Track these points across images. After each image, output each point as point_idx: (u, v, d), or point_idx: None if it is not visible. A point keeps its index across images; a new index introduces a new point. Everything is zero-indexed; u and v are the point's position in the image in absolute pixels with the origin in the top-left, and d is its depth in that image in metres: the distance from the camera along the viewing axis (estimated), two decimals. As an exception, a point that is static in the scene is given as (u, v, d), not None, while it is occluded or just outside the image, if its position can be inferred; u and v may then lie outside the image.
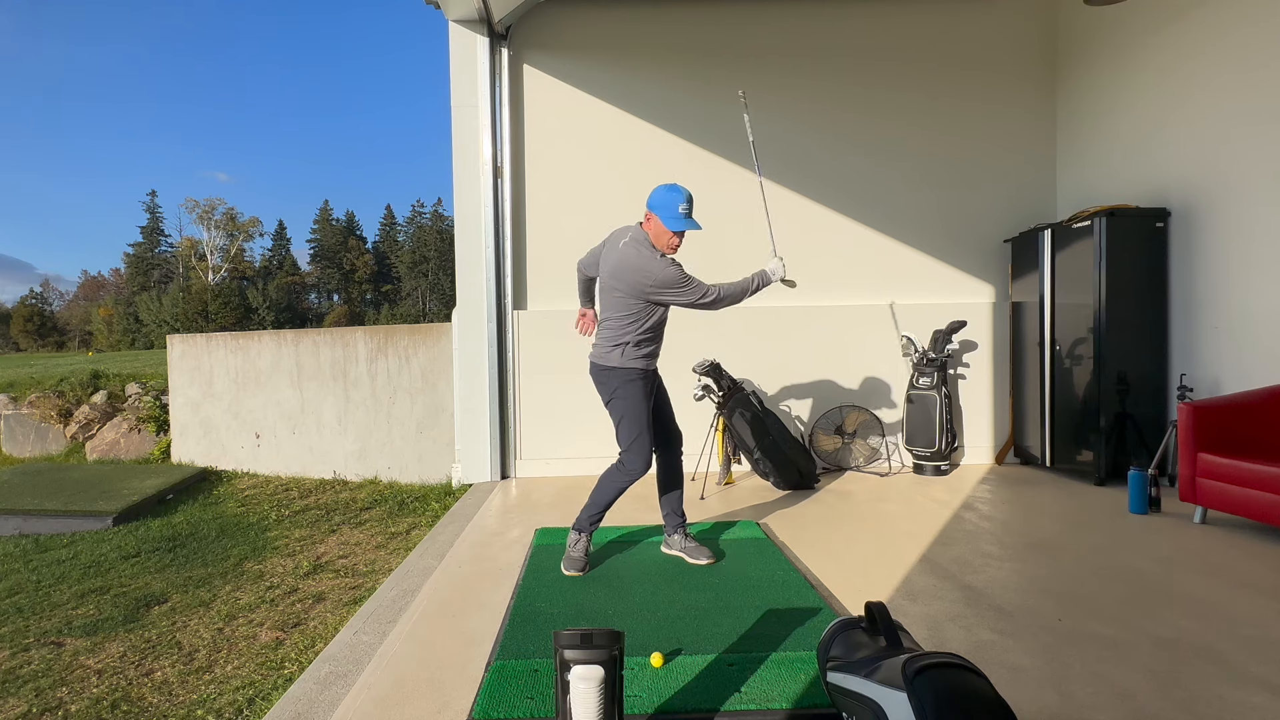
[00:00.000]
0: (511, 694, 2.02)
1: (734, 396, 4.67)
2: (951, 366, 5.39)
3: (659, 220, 2.92)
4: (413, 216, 63.37)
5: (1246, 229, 4.06)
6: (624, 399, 2.99)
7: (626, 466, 3.00)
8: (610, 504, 3.09)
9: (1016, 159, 5.54)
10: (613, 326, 3.01)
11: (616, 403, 3.01)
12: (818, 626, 2.43)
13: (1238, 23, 4.10)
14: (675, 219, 2.90)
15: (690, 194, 2.95)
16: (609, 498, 3.07)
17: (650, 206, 2.96)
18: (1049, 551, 3.28)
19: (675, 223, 2.90)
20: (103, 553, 4.81)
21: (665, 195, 2.92)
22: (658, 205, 2.93)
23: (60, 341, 51.87)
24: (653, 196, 2.96)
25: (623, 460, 3.01)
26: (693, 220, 2.93)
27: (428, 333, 6.50)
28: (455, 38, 5.10)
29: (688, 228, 2.92)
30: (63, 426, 9.41)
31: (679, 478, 3.26)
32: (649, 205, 2.96)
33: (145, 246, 55.58)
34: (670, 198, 2.91)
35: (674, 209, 2.90)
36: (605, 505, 3.09)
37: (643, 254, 2.90)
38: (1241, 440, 3.62)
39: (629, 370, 2.99)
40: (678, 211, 2.90)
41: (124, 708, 2.74)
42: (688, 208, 2.92)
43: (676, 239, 2.96)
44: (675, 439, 3.25)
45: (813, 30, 5.43)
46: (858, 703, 1.64)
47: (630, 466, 2.99)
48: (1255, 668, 2.13)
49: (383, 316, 52.29)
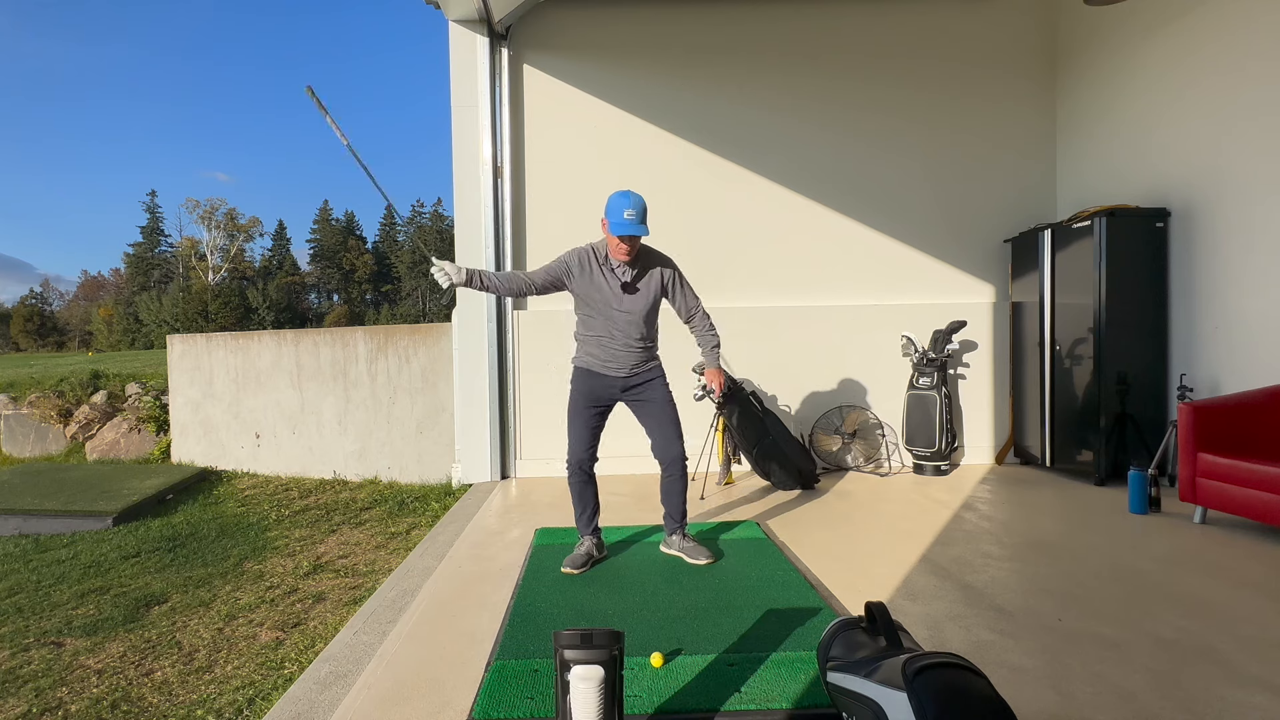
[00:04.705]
0: (511, 694, 2.02)
1: (734, 396, 4.67)
2: (951, 366, 5.39)
3: (605, 223, 2.91)
4: (413, 216, 63.41)
5: (1246, 229, 4.06)
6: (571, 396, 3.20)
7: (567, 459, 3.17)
8: (579, 502, 3.19)
9: (1016, 159, 5.54)
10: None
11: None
12: (818, 626, 2.43)
13: (1238, 23, 4.10)
14: (618, 223, 2.86)
15: (642, 200, 2.88)
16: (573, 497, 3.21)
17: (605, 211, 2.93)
18: (1049, 551, 3.28)
19: (617, 227, 2.86)
20: (103, 553, 4.81)
21: (614, 200, 2.89)
22: (607, 210, 2.90)
23: (60, 342, 51.87)
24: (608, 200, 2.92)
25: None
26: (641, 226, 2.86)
27: (428, 333, 6.50)
28: (455, 38, 5.10)
29: (629, 232, 2.86)
30: (63, 426, 9.41)
31: (680, 480, 3.25)
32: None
33: (145, 246, 55.55)
34: (617, 203, 2.87)
35: (619, 214, 2.85)
36: (576, 503, 3.21)
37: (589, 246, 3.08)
38: (1241, 440, 3.62)
39: (574, 368, 3.18)
40: (622, 216, 2.85)
41: (124, 708, 2.74)
42: (635, 214, 2.85)
43: (624, 245, 2.90)
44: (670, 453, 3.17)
45: (813, 30, 5.43)
46: (858, 703, 1.64)
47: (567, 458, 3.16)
48: (1255, 668, 2.13)
49: (383, 316, 52.29)
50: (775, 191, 5.38)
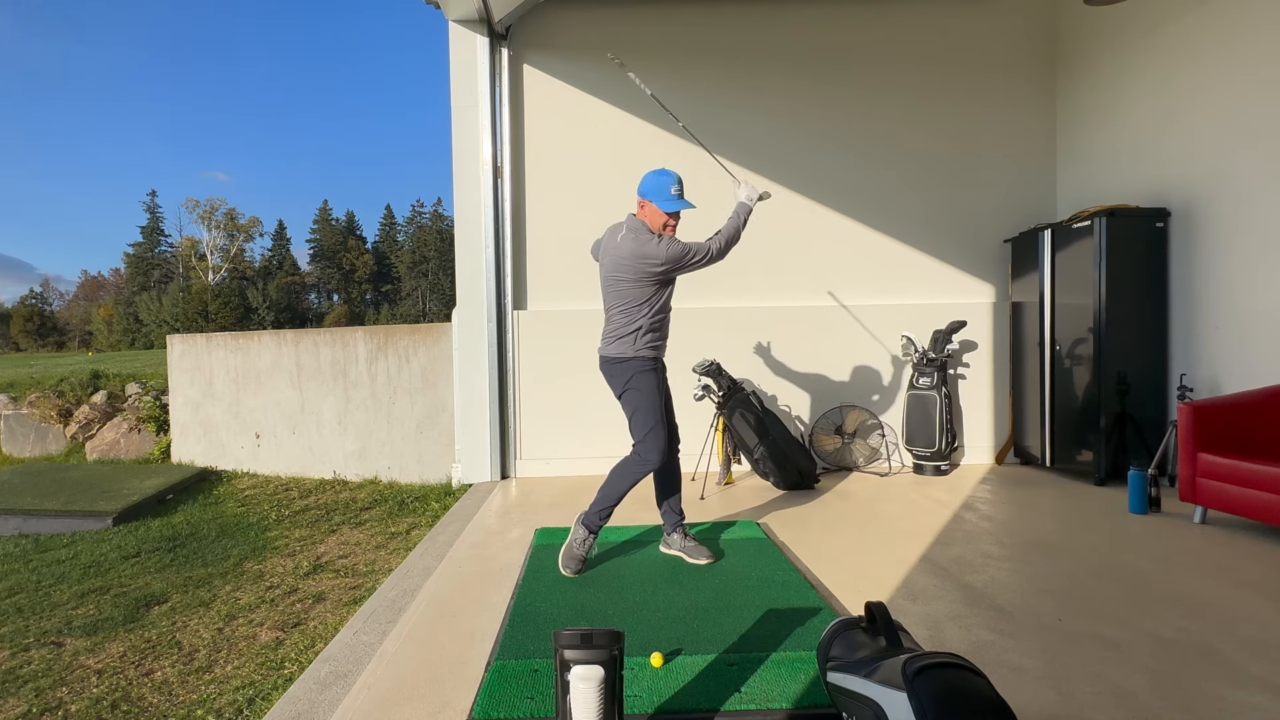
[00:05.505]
0: (511, 694, 2.02)
1: (734, 396, 4.67)
2: (951, 366, 5.39)
3: (654, 205, 2.98)
4: (413, 216, 63.44)
5: (1246, 229, 4.06)
6: (638, 390, 2.99)
7: (643, 457, 2.99)
8: (621, 498, 3.05)
9: (1016, 159, 5.54)
10: (622, 316, 3.03)
11: (630, 394, 3.00)
12: (818, 626, 2.43)
13: (1238, 23, 4.10)
14: (669, 201, 2.96)
15: (679, 176, 3.00)
16: (621, 491, 3.04)
17: (642, 194, 3.01)
18: (1049, 551, 3.28)
19: (669, 204, 2.96)
20: (103, 553, 4.81)
21: (656, 180, 2.98)
22: (650, 191, 2.98)
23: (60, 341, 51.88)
24: (644, 183, 3.01)
25: (638, 451, 3.01)
26: (685, 200, 2.99)
27: (428, 333, 6.50)
28: (455, 38, 5.10)
29: (682, 208, 2.98)
30: (63, 426, 9.41)
31: (677, 477, 3.26)
32: (641, 193, 3.01)
33: (145, 246, 55.59)
34: (661, 181, 2.97)
35: (666, 192, 2.95)
36: (616, 499, 3.05)
37: (642, 240, 2.94)
38: (1241, 440, 3.62)
39: (641, 360, 3.01)
40: (670, 194, 2.95)
41: (124, 708, 2.74)
42: (679, 189, 2.98)
43: (672, 221, 3.00)
44: (677, 438, 3.25)
45: (813, 30, 5.43)
46: (858, 703, 1.64)
47: (646, 457, 2.98)
48: (1255, 668, 2.13)
49: (383, 316, 52.31)
50: (776, 191, 5.37)
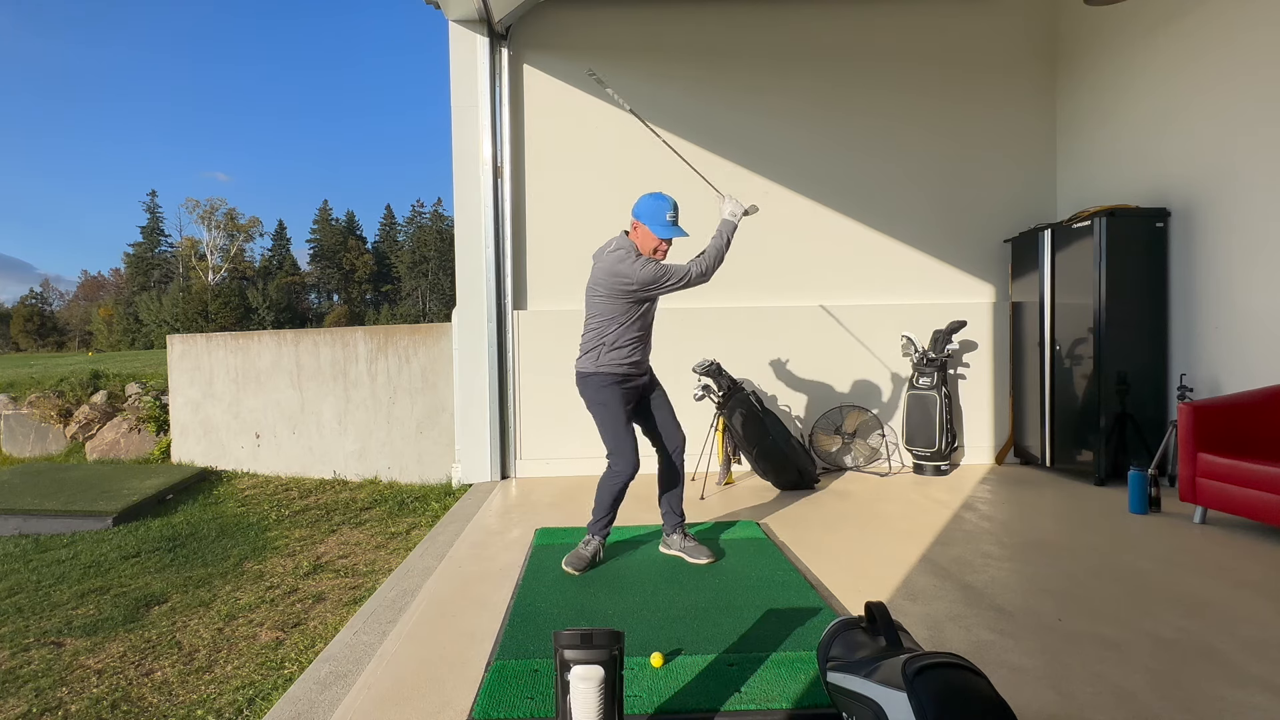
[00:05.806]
0: (511, 694, 2.02)
1: (734, 396, 4.67)
2: (951, 366, 5.39)
3: (646, 229, 2.96)
4: (413, 216, 63.43)
5: (1246, 229, 4.06)
6: (602, 404, 3.03)
7: (614, 469, 3.05)
8: (611, 506, 3.13)
9: (1016, 159, 5.54)
10: (591, 330, 3.07)
11: (594, 409, 3.06)
12: (818, 626, 2.43)
13: (1239, 23, 4.10)
14: (663, 227, 2.94)
15: (676, 202, 2.97)
16: (606, 501, 3.11)
17: (637, 215, 2.99)
18: (1049, 551, 3.28)
19: (663, 230, 2.94)
20: (103, 553, 4.81)
21: (652, 204, 2.96)
22: (644, 214, 2.96)
23: (60, 341, 51.86)
24: (639, 205, 2.99)
25: (610, 464, 3.06)
26: (679, 228, 2.97)
27: (428, 333, 6.50)
28: (455, 38, 5.10)
29: (675, 235, 2.96)
30: (63, 426, 9.41)
31: (678, 477, 3.26)
32: (635, 214, 3.00)
33: (145, 246, 55.55)
34: (657, 206, 2.95)
35: (661, 217, 2.94)
36: (606, 508, 3.13)
37: (619, 257, 2.94)
38: (1241, 440, 3.62)
39: (603, 375, 3.03)
40: (665, 220, 2.94)
41: (124, 708, 2.73)
42: (674, 215, 2.96)
43: (664, 246, 2.99)
44: (676, 440, 3.24)
45: (813, 30, 5.43)
46: (858, 703, 1.64)
47: (617, 469, 3.04)
48: (1255, 668, 2.13)
49: (383, 316, 52.28)
50: (776, 192, 5.38)
